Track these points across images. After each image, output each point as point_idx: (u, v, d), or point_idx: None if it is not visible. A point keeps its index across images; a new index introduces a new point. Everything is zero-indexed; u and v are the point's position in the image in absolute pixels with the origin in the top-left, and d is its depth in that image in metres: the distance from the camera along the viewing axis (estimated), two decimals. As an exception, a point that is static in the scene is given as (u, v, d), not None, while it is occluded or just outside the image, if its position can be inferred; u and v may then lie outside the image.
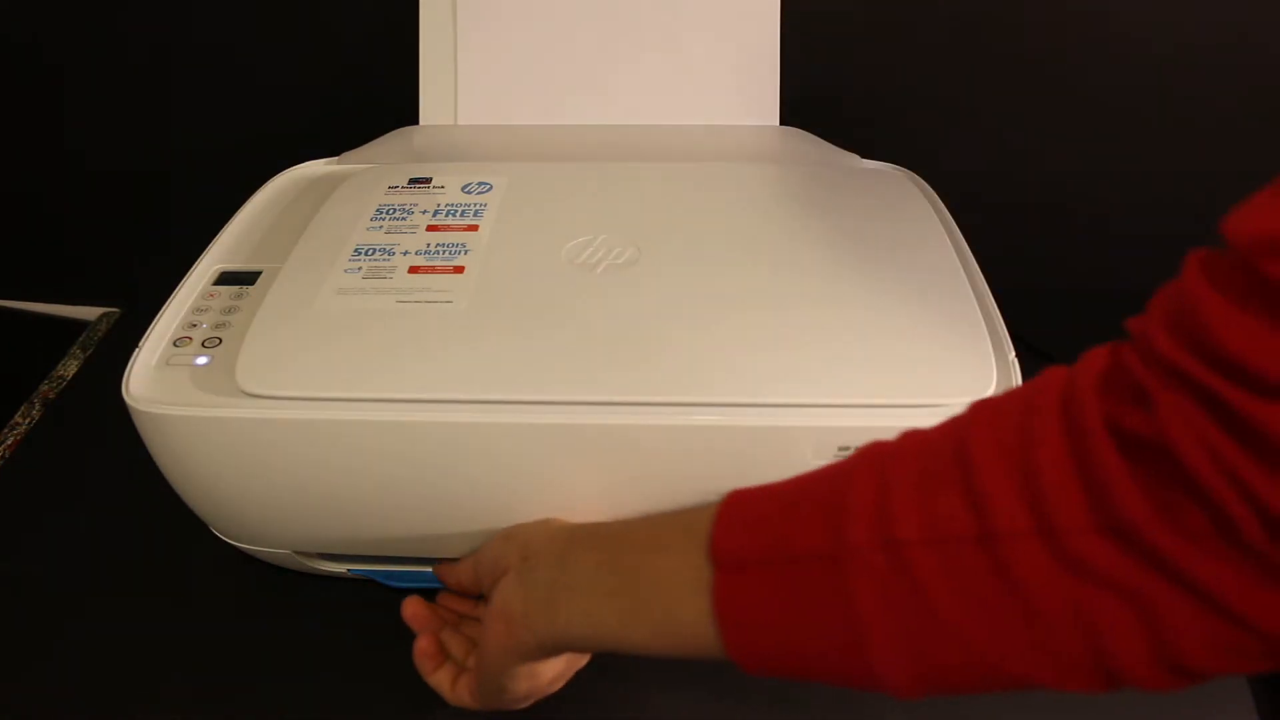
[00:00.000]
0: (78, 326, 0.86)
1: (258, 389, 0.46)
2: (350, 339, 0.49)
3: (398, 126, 0.72)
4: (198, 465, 0.49)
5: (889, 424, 0.45)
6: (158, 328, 0.52)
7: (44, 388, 0.77)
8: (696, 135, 0.70)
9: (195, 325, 0.52)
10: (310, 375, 0.47)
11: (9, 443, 0.71)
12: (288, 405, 0.46)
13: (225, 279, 0.56)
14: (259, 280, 0.56)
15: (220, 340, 0.51)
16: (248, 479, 0.49)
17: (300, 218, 0.60)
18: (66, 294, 0.90)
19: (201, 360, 0.50)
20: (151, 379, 0.49)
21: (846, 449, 0.45)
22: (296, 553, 0.56)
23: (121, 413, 0.48)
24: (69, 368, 0.79)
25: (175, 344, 0.51)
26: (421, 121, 0.71)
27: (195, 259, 0.57)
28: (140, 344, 0.51)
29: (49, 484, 0.68)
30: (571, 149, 0.68)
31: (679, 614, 0.36)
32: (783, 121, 0.69)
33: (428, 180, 0.63)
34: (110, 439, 0.55)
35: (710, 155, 0.67)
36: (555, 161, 0.65)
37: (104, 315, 0.87)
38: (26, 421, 0.73)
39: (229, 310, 0.53)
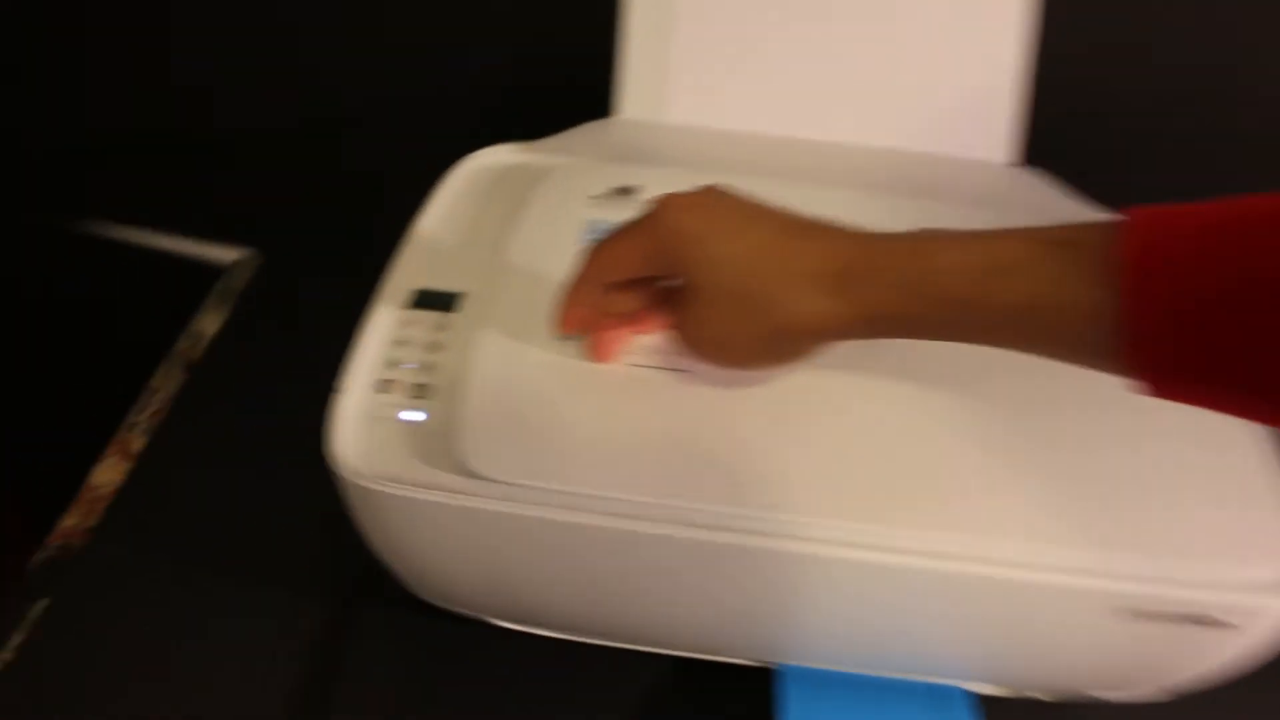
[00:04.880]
0: (211, 271, 0.81)
1: (490, 472, 0.41)
2: (596, 419, 0.43)
3: (571, 111, 0.64)
4: (409, 540, 0.45)
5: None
6: (357, 366, 0.47)
7: (182, 345, 0.73)
8: (920, 166, 0.62)
9: (396, 364, 0.47)
10: (554, 463, 0.41)
11: (152, 409, 0.67)
12: (527, 495, 0.41)
13: (423, 301, 0.51)
14: (461, 306, 0.50)
15: (428, 387, 0.46)
16: (460, 560, 0.45)
17: (494, 220, 0.54)
18: (201, 230, 0.84)
19: (413, 416, 0.45)
20: (359, 439, 0.44)
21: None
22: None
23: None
24: (207, 323, 0.75)
25: (377, 390, 0.46)
26: (621, 113, 0.63)
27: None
28: (339, 386, 0.46)
29: (195, 454, 0.64)
30: (786, 163, 0.61)
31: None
32: (1027, 160, 0.61)
33: (636, 190, 0.56)
34: (255, 406, 0.49)
35: (944, 193, 0.59)
36: (773, 177, 0.58)
37: (239, 260, 0.82)
38: (169, 385, 0.69)
39: (433, 347, 0.48)
